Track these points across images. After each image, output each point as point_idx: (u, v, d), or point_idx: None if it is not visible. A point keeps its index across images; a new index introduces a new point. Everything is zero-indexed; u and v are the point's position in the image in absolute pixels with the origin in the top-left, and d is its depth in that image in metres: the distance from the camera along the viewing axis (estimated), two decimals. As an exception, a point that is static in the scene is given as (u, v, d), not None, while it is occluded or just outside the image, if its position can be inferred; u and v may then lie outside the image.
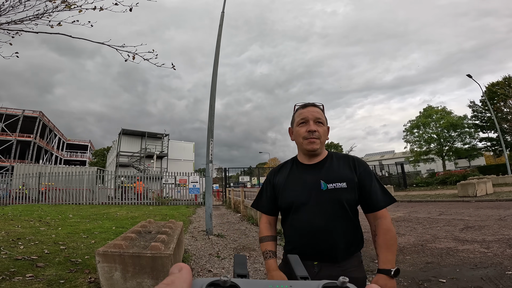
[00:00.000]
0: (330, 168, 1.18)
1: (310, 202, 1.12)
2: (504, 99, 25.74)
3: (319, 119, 1.18)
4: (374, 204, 1.13)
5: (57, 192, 13.79)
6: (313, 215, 1.10)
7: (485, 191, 10.93)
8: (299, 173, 1.21)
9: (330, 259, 1.10)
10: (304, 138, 1.17)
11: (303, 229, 1.11)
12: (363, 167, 1.19)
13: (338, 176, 1.14)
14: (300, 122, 1.19)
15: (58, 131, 41.75)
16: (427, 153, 32.26)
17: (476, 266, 3.19)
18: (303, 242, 1.12)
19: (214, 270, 3.40)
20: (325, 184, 1.13)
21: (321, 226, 1.09)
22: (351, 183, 1.13)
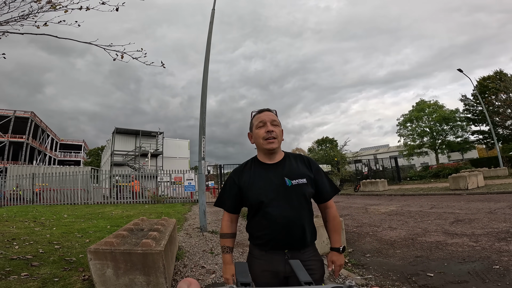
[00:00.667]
0: (290, 166, 1.33)
1: (279, 197, 1.25)
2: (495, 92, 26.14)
3: (275, 121, 1.32)
4: (325, 196, 1.35)
5: (52, 192, 13.73)
6: (284, 209, 1.24)
7: (477, 184, 11.12)
8: (263, 172, 1.32)
9: (299, 247, 1.26)
10: (263, 139, 1.29)
11: (276, 222, 1.23)
12: (316, 165, 1.38)
13: (298, 173, 1.30)
14: (258, 125, 1.32)
15: (50, 132, 41.27)
16: (421, 147, 32.68)
17: (464, 260, 3.25)
18: (276, 233, 1.24)
19: (207, 266, 3.48)
20: (289, 180, 1.27)
21: (292, 217, 1.24)
22: (309, 179, 1.30)
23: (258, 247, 1.30)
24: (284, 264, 1.23)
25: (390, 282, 2.83)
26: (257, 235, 1.30)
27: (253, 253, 1.33)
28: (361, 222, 6.47)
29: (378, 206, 9.18)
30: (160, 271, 2.52)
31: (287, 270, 1.23)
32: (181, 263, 3.62)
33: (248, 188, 1.31)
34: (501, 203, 7.06)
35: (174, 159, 29.12)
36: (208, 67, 5.85)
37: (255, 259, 1.31)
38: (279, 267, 1.24)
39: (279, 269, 1.24)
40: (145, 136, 28.03)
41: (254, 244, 1.34)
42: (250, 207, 1.33)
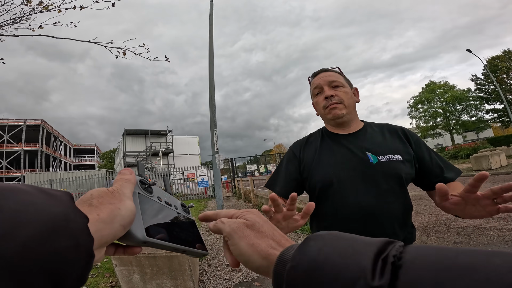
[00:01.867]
0: (374, 137, 0.97)
1: (358, 178, 0.90)
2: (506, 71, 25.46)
3: (334, 82, 0.99)
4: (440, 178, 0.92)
5: (70, 197, 14.05)
6: (365, 195, 0.88)
7: (500, 164, 10.68)
8: (335, 144, 0.99)
9: None
10: (324, 108, 0.99)
11: (352, 212, 0.88)
12: (416, 137, 1.00)
13: (389, 146, 0.94)
14: (316, 92, 1.02)
15: (63, 138, 42.21)
16: (434, 128, 31.93)
17: (507, 245, 3.09)
18: (351, 229, 0.85)
19: (231, 264, 3.40)
20: (375, 156, 0.91)
21: (377, 208, 0.87)
22: (407, 155, 0.93)
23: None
24: None
25: (430, 273, 2.67)
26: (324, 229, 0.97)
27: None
28: None
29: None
30: (187, 274, 2.43)
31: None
32: (205, 262, 3.54)
33: (312, 165, 0.96)
34: (531, 181, 6.73)
35: (185, 156, 29.36)
36: (213, 60, 5.70)
37: None
38: None
39: None
40: (155, 135, 28.31)
41: None
42: (313, 192, 0.97)
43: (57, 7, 2.88)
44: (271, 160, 21.65)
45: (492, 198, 0.62)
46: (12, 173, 32.86)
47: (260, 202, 8.70)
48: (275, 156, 22.41)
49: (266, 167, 18.97)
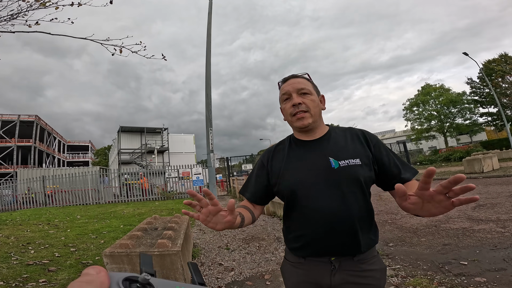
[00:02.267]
0: (337, 142, 1.01)
1: (321, 183, 0.93)
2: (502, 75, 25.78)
3: (303, 89, 1.01)
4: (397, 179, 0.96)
5: (63, 194, 13.86)
6: (328, 199, 0.91)
7: (492, 167, 10.82)
8: (300, 151, 1.03)
9: (350, 252, 0.93)
10: (291, 115, 1.01)
11: (317, 217, 0.92)
12: (375, 139, 1.03)
13: (349, 151, 0.97)
14: (284, 98, 1.04)
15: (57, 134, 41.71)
16: (428, 130, 32.25)
17: (495, 247, 3.11)
18: (318, 234, 0.92)
19: (225, 263, 3.40)
20: (336, 161, 0.95)
21: (341, 211, 0.90)
22: (366, 159, 0.96)
23: (295, 252, 0.99)
24: (330, 274, 0.92)
25: (422, 272, 2.70)
26: (292, 236, 1.00)
27: (289, 259, 1.03)
28: (377, 210, 6.32)
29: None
30: (179, 273, 2.43)
31: (334, 282, 0.92)
32: (198, 261, 3.54)
33: (280, 172, 1.00)
34: (521, 185, 6.83)
35: (180, 154, 29.22)
36: (210, 59, 5.68)
37: (291, 267, 1.01)
38: (323, 279, 0.93)
39: (323, 281, 0.93)
40: (150, 133, 28.11)
41: (289, 247, 1.03)
42: (282, 197, 1.01)
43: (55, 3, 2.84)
44: (267, 159, 21.59)
45: (444, 193, 0.63)
46: (5, 169, 32.39)
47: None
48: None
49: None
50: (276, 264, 3.25)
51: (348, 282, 0.92)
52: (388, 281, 2.57)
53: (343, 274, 0.92)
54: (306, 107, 0.99)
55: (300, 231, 0.96)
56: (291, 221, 1.00)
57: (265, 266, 3.22)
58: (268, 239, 4.31)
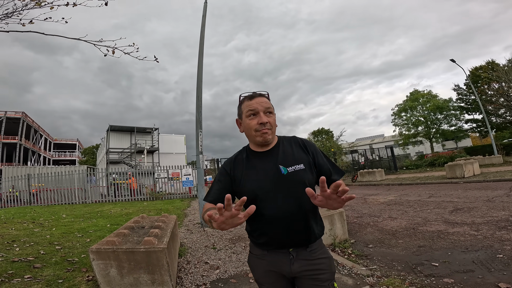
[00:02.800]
0: (285, 152, 1.19)
1: (275, 188, 1.11)
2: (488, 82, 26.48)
3: (269, 109, 1.16)
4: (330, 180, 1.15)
5: (49, 193, 13.59)
6: (281, 201, 1.10)
7: (473, 172, 11.22)
8: (256, 161, 1.19)
9: (304, 243, 1.12)
10: (256, 131, 1.15)
11: (275, 216, 1.10)
12: (313, 147, 1.23)
13: (294, 158, 1.16)
14: (250, 114, 1.16)
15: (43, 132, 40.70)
16: (416, 136, 33.06)
17: (467, 249, 3.26)
18: (277, 230, 1.10)
19: (211, 262, 3.47)
20: (285, 168, 1.13)
21: (293, 210, 1.09)
22: (308, 164, 1.16)
23: (259, 246, 1.18)
24: (290, 263, 1.11)
25: (396, 272, 2.85)
26: (256, 234, 1.17)
27: (254, 252, 1.21)
28: (361, 212, 6.51)
29: (377, 196, 9.26)
30: (165, 269, 2.50)
31: (294, 270, 1.11)
32: (184, 259, 3.60)
33: (240, 182, 1.17)
34: (498, 191, 7.15)
35: (170, 154, 29.00)
36: (203, 61, 5.76)
37: (257, 259, 1.19)
38: (284, 267, 1.12)
39: (285, 269, 1.12)
40: (140, 132, 27.79)
41: (254, 243, 1.21)
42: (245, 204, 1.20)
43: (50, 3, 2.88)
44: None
45: (336, 193, 0.86)
46: (-13, 166, 31.37)
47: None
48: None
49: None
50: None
51: (305, 269, 1.11)
52: (364, 280, 2.70)
53: (300, 262, 1.12)
54: (270, 126, 1.15)
55: (263, 229, 1.14)
56: (254, 222, 1.16)
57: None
58: (254, 239, 4.42)
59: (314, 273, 1.11)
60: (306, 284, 1.12)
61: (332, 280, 1.14)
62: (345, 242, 4.03)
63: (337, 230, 4.08)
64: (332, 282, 1.14)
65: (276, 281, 1.15)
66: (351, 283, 2.65)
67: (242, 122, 1.22)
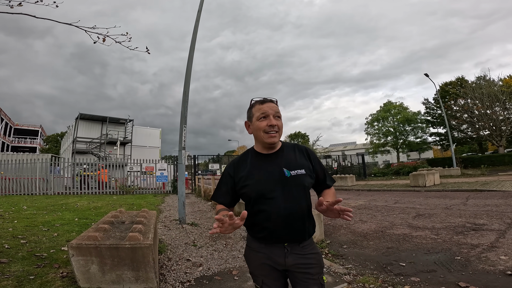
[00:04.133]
0: (288, 156, 1.31)
1: (278, 188, 1.22)
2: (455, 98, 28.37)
3: (278, 114, 1.28)
4: (324, 186, 1.36)
5: (7, 181, 12.49)
6: (283, 200, 1.21)
7: (433, 182, 12.15)
8: (261, 163, 1.30)
9: (299, 240, 1.24)
10: (265, 132, 1.25)
11: (277, 214, 1.20)
12: (314, 155, 1.38)
13: (297, 163, 1.28)
14: (260, 116, 1.26)
15: (5, 116, 37.22)
16: (384, 145, 34.99)
17: (429, 251, 3.56)
18: (276, 225, 1.21)
19: (192, 259, 3.45)
20: (288, 171, 1.25)
21: (293, 209, 1.21)
22: (308, 170, 1.29)
23: (258, 240, 1.27)
24: (284, 257, 1.22)
25: (369, 271, 3.05)
26: (257, 229, 1.27)
27: (252, 246, 1.31)
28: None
29: (348, 200, 9.71)
30: (150, 266, 2.45)
31: (288, 263, 1.22)
32: (165, 256, 3.55)
33: (245, 181, 1.26)
34: (456, 200, 7.84)
35: (144, 148, 27.99)
36: (193, 56, 5.68)
37: (254, 252, 1.29)
38: (280, 260, 1.23)
39: (280, 261, 1.23)
40: (113, 123, 26.48)
41: (253, 236, 1.30)
42: (248, 200, 1.28)
43: None
44: (234, 160, 21.68)
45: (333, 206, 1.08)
46: None
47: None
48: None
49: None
50: (243, 261, 3.39)
51: (297, 263, 1.23)
52: (342, 278, 2.87)
53: (293, 256, 1.23)
54: (278, 129, 1.26)
55: (264, 224, 1.23)
56: (256, 217, 1.26)
57: (233, 262, 3.35)
58: (234, 238, 4.44)
59: (305, 266, 1.22)
60: (298, 277, 1.23)
61: (321, 274, 1.26)
62: (322, 242, 4.21)
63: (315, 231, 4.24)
64: (321, 276, 1.26)
65: (270, 273, 1.25)
66: (330, 280, 2.79)
67: (251, 124, 1.32)
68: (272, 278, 1.26)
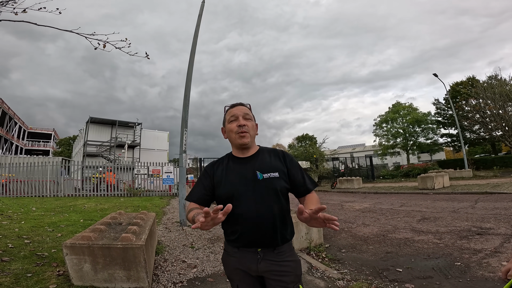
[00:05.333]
0: (263, 160, 1.30)
1: (249, 190, 1.22)
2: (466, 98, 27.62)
3: (247, 115, 1.31)
4: (302, 189, 1.29)
5: (19, 184, 12.90)
6: (254, 203, 1.20)
7: (442, 184, 11.84)
8: (236, 166, 1.31)
9: (271, 245, 1.20)
10: (235, 133, 1.28)
11: (246, 216, 1.19)
12: (290, 159, 1.35)
13: (271, 166, 1.27)
14: (231, 119, 1.31)
15: (18, 119, 38.52)
16: (394, 147, 34.33)
17: (429, 257, 3.47)
18: (247, 229, 1.19)
19: (188, 261, 3.48)
20: (261, 174, 1.24)
21: (263, 212, 1.19)
22: (282, 173, 1.27)
23: (231, 243, 1.27)
24: (257, 262, 1.19)
25: (364, 277, 3.00)
26: (229, 231, 1.27)
27: (227, 250, 1.31)
28: (337, 218, 6.71)
29: (353, 203, 9.58)
30: (141, 266, 2.50)
31: (260, 269, 1.19)
32: (161, 257, 3.59)
33: (220, 183, 1.28)
34: (464, 203, 7.61)
35: (152, 151, 28.37)
36: (194, 61, 5.75)
37: (229, 256, 1.29)
38: (252, 265, 1.20)
39: (252, 267, 1.20)
40: (122, 126, 27.00)
41: (227, 240, 1.31)
42: (220, 202, 1.26)
43: None
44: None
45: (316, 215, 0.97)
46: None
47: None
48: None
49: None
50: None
51: (270, 269, 1.20)
52: (335, 284, 2.83)
53: (266, 262, 1.20)
54: (248, 129, 1.28)
55: (235, 227, 1.22)
56: (229, 220, 1.22)
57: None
58: (232, 240, 4.46)
59: (279, 273, 1.19)
60: (271, 284, 1.20)
61: (296, 283, 1.21)
62: (320, 246, 4.17)
63: (313, 234, 4.21)
64: (297, 285, 1.21)
65: (243, 278, 1.24)
66: (323, 285, 2.77)
67: (225, 129, 1.36)
68: (247, 283, 1.24)
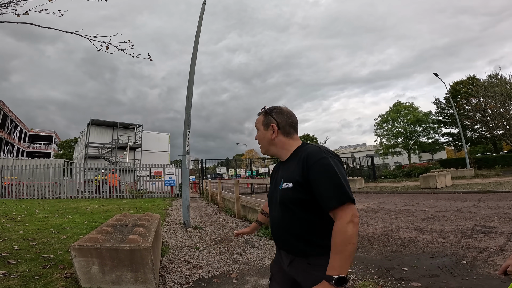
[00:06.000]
0: (288, 167, 1.18)
1: (274, 198, 1.24)
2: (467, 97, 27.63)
3: (256, 126, 1.33)
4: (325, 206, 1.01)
5: (21, 186, 12.94)
6: (274, 211, 1.23)
7: (445, 183, 11.83)
8: (278, 171, 1.33)
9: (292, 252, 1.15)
10: None
11: (271, 222, 1.29)
12: (312, 164, 1.05)
13: (289, 176, 1.13)
14: None
15: (19, 122, 38.66)
16: (395, 147, 34.33)
17: (434, 255, 3.46)
18: (272, 232, 1.27)
19: (193, 262, 3.49)
20: (282, 183, 1.16)
21: (279, 222, 1.18)
22: (297, 184, 1.08)
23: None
24: (286, 264, 1.19)
25: (370, 276, 3.00)
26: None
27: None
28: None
29: (356, 203, 9.56)
30: (149, 267, 2.51)
31: (288, 271, 1.18)
32: (167, 258, 3.60)
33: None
34: (467, 202, 7.61)
35: (153, 152, 28.44)
36: (196, 62, 5.77)
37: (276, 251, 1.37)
38: (283, 265, 1.22)
39: (283, 266, 1.22)
40: (123, 128, 27.08)
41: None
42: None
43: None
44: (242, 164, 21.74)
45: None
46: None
47: (227, 205, 8.78)
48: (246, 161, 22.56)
49: (236, 171, 19.02)
50: (243, 264, 3.41)
51: (295, 275, 1.16)
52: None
53: (293, 268, 1.16)
54: (258, 141, 1.32)
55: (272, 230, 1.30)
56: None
57: (233, 265, 3.37)
58: (236, 241, 4.46)
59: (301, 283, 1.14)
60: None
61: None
62: (324, 246, 4.17)
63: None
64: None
65: (278, 273, 1.28)
66: (328, 285, 2.77)
67: None
68: (280, 277, 1.27)
